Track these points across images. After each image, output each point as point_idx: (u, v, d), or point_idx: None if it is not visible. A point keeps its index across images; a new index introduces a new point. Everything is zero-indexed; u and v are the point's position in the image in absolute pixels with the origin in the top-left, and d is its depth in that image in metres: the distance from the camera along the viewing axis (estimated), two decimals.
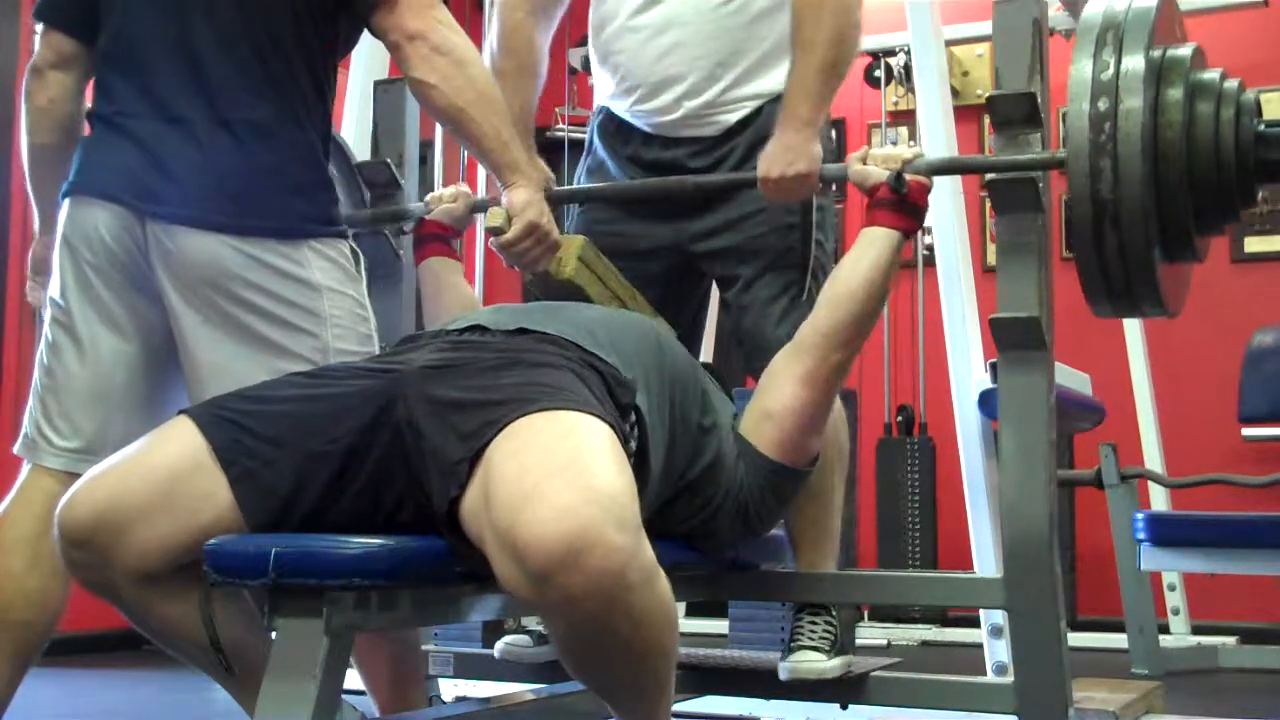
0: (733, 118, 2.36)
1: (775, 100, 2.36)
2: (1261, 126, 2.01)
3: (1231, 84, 2.03)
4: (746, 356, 2.37)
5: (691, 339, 2.49)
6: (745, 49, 2.36)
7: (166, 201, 1.86)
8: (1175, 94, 1.98)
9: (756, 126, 2.35)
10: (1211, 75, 2.04)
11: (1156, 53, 1.98)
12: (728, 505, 1.93)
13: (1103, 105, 1.92)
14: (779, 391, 1.99)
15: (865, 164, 2.11)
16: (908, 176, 2.05)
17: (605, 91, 2.48)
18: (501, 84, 2.46)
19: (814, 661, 2.19)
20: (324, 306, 1.91)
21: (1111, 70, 1.94)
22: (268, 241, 1.88)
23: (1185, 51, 2.03)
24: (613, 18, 2.42)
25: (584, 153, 2.57)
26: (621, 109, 2.44)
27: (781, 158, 2.22)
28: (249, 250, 1.86)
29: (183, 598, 1.59)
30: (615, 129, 2.47)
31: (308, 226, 1.92)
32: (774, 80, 2.35)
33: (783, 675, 2.20)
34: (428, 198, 2.42)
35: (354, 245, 2.02)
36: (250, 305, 1.87)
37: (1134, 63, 1.94)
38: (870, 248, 2.04)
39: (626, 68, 2.41)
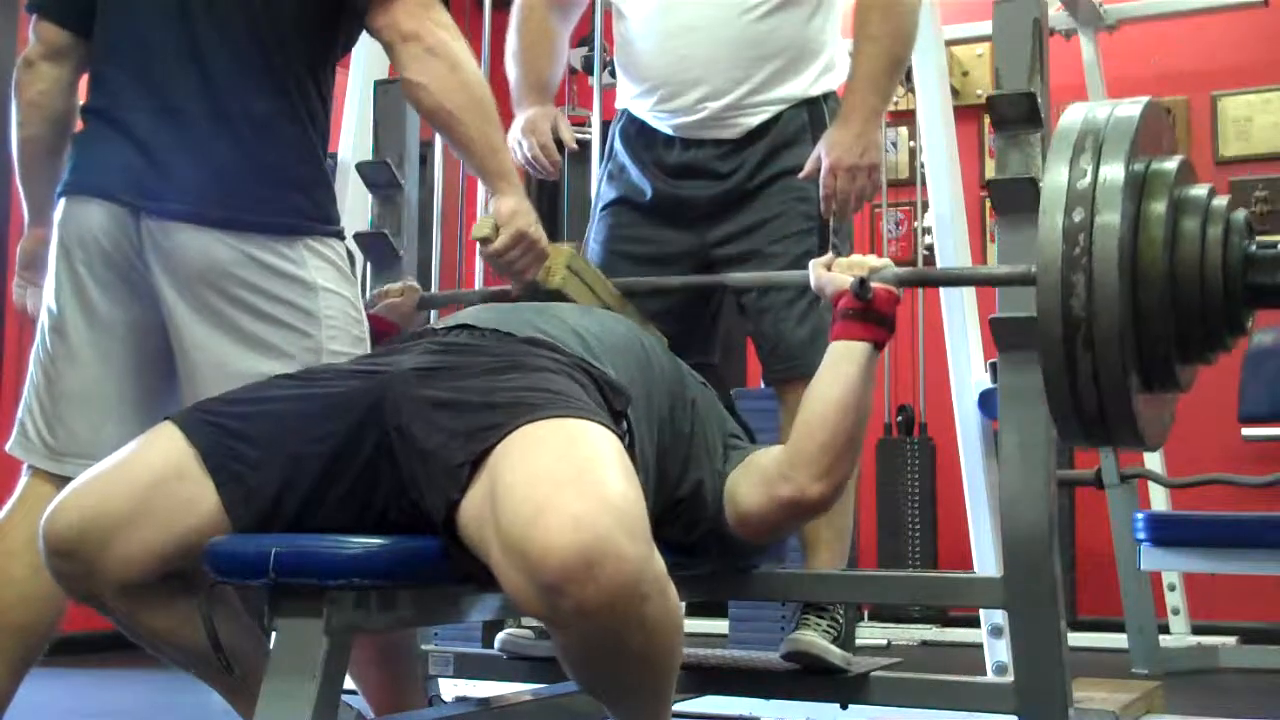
0: (753, 121, 2.38)
1: (796, 106, 2.39)
2: (1253, 247, 1.83)
3: (1220, 201, 1.86)
4: (766, 359, 2.39)
5: (707, 343, 2.51)
6: (768, 55, 2.37)
7: (162, 197, 1.85)
8: (1158, 209, 1.80)
9: (775, 132, 2.38)
10: (1199, 191, 1.86)
11: (1139, 165, 1.83)
12: (711, 530, 1.93)
13: (1077, 217, 1.75)
14: (753, 496, 1.91)
15: (830, 270, 2.01)
16: (875, 285, 1.93)
17: (626, 94, 2.50)
18: (518, 59, 2.50)
19: (815, 638, 2.19)
20: (319, 306, 1.90)
21: (1089, 180, 1.77)
22: (264, 238, 1.87)
23: (1170, 165, 1.86)
24: (635, 20, 2.44)
25: (604, 158, 2.59)
26: (643, 110, 2.46)
27: (853, 147, 2.24)
28: (244, 247, 1.85)
29: (171, 607, 1.58)
30: (636, 132, 2.48)
31: (305, 224, 1.91)
32: (795, 87, 2.37)
33: (782, 650, 2.20)
34: (374, 292, 2.34)
35: (349, 246, 2.02)
36: (244, 303, 1.86)
37: (1113, 173, 1.77)
38: (839, 365, 1.90)
39: (649, 69, 2.42)
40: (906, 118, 5.23)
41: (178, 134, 1.87)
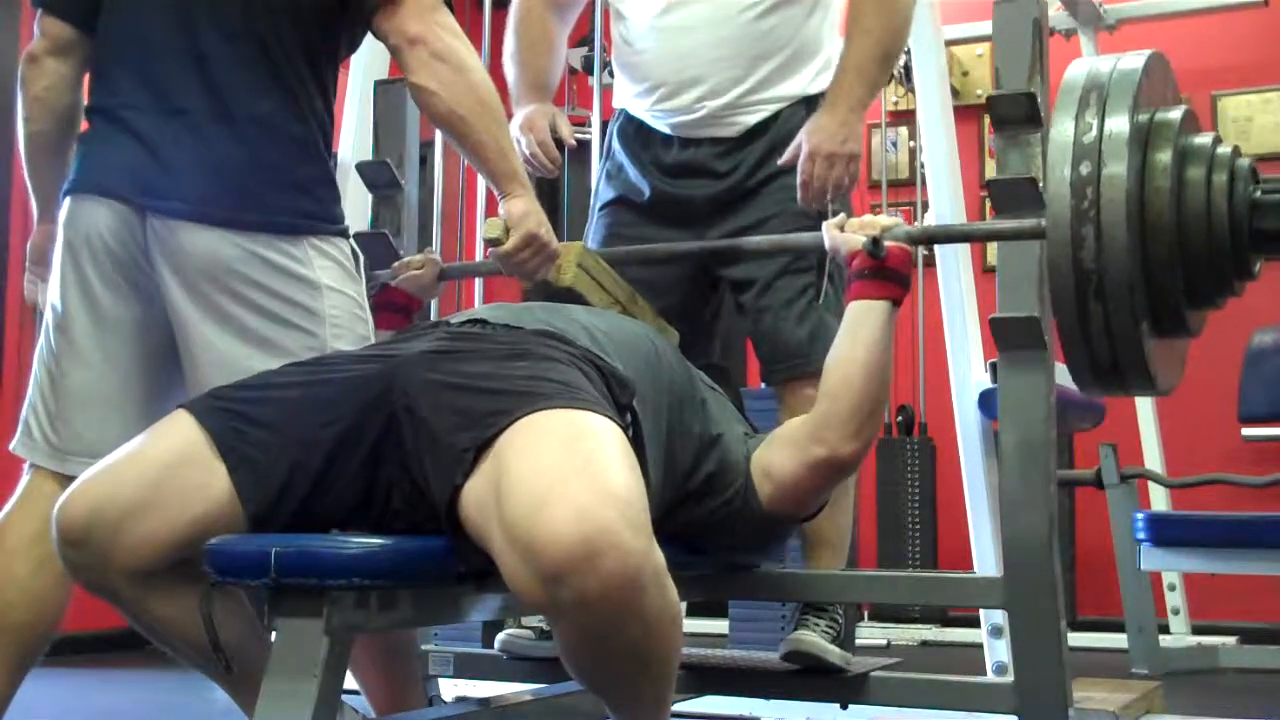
0: (752, 119, 2.38)
1: (794, 104, 2.39)
2: (1258, 193, 1.87)
3: (1225, 149, 1.90)
4: (765, 359, 2.39)
5: (707, 342, 2.51)
6: (766, 53, 2.37)
7: (167, 196, 1.86)
8: (1163, 159, 1.85)
9: (774, 130, 2.38)
10: (1203, 139, 1.91)
11: (1144, 116, 1.87)
12: (733, 514, 1.94)
13: (1084, 170, 1.81)
14: (786, 464, 1.95)
15: (843, 231, 2.05)
16: (888, 243, 1.97)
17: (625, 93, 2.50)
18: (516, 59, 2.50)
19: (814, 638, 2.20)
20: (323, 305, 1.91)
21: (1094, 133, 1.82)
22: (269, 237, 1.87)
23: (1175, 115, 1.90)
24: (634, 20, 2.44)
25: (602, 157, 2.59)
26: (641, 109, 2.46)
27: (835, 134, 2.23)
28: (249, 246, 1.86)
29: (181, 597, 1.59)
30: (634, 131, 2.48)
31: (309, 223, 1.92)
32: (794, 85, 2.37)
33: (781, 650, 2.21)
34: (395, 265, 2.36)
35: (354, 245, 2.02)
36: (249, 302, 1.86)
37: (1118, 125, 1.81)
38: (859, 327, 1.96)
39: (648, 68, 2.42)
40: (906, 118, 5.23)
41: (182, 133, 1.87)
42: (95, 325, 1.91)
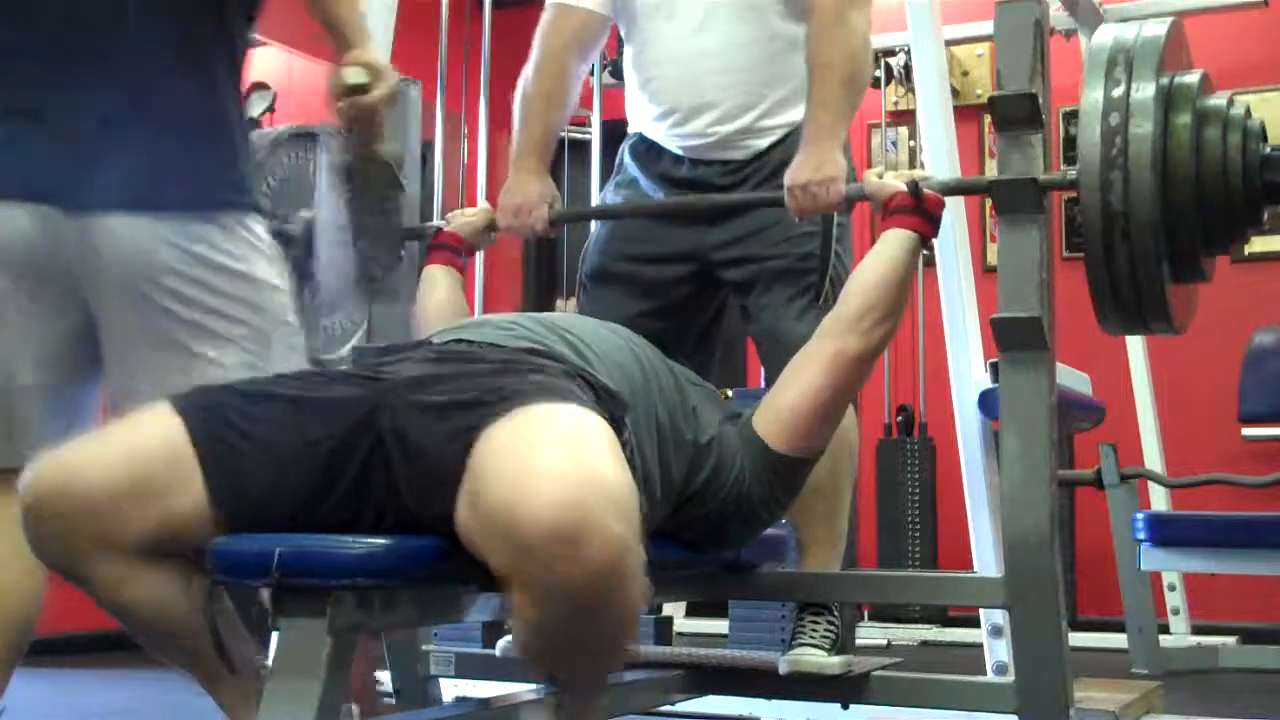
0: (763, 143, 2.42)
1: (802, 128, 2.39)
2: (1268, 150, 2.06)
3: (1238, 110, 2.07)
4: (765, 357, 2.40)
5: (706, 346, 2.53)
6: (776, 81, 2.41)
7: (83, 190, 1.79)
8: (1183, 120, 2.02)
9: (783, 150, 2.40)
10: (1218, 101, 2.08)
11: (1165, 80, 2.03)
12: (732, 504, 1.94)
13: (1113, 121, 1.97)
14: (799, 380, 2.00)
15: (880, 179, 2.14)
16: (924, 190, 2.09)
17: (641, 117, 2.54)
18: (529, 107, 2.51)
19: (814, 656, 2.20)
20: (256, 294, 1.86)
21: (1122, 96, 1.99)
22: (187, 219, 1.81)
23: (1193, 79, 2.07)
24: (648, 47, 2.48)
25: (614, 170, 2.63)
26: (656, 134, 2.51)
27: (809, 164, 2.25)
28: (168, 229, 1.80)
29: (150, 586, 1.55)
30: (646, 150, 2.53)
31: (227, 197, 1.86)
32: (803, 110, 2.38)
33: (782, 669, 2.21)
34: (450, 214, 2.51)
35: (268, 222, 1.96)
36: (172, 290, 1.80)
37: (1144, 89, 1.99)
38: (888, 246, 2.06)
39: (663, 93, 2.47)
40: (906, 118, 5.24)
41: (92, 123, 1.80)
42: (16, 330, 1.82)
